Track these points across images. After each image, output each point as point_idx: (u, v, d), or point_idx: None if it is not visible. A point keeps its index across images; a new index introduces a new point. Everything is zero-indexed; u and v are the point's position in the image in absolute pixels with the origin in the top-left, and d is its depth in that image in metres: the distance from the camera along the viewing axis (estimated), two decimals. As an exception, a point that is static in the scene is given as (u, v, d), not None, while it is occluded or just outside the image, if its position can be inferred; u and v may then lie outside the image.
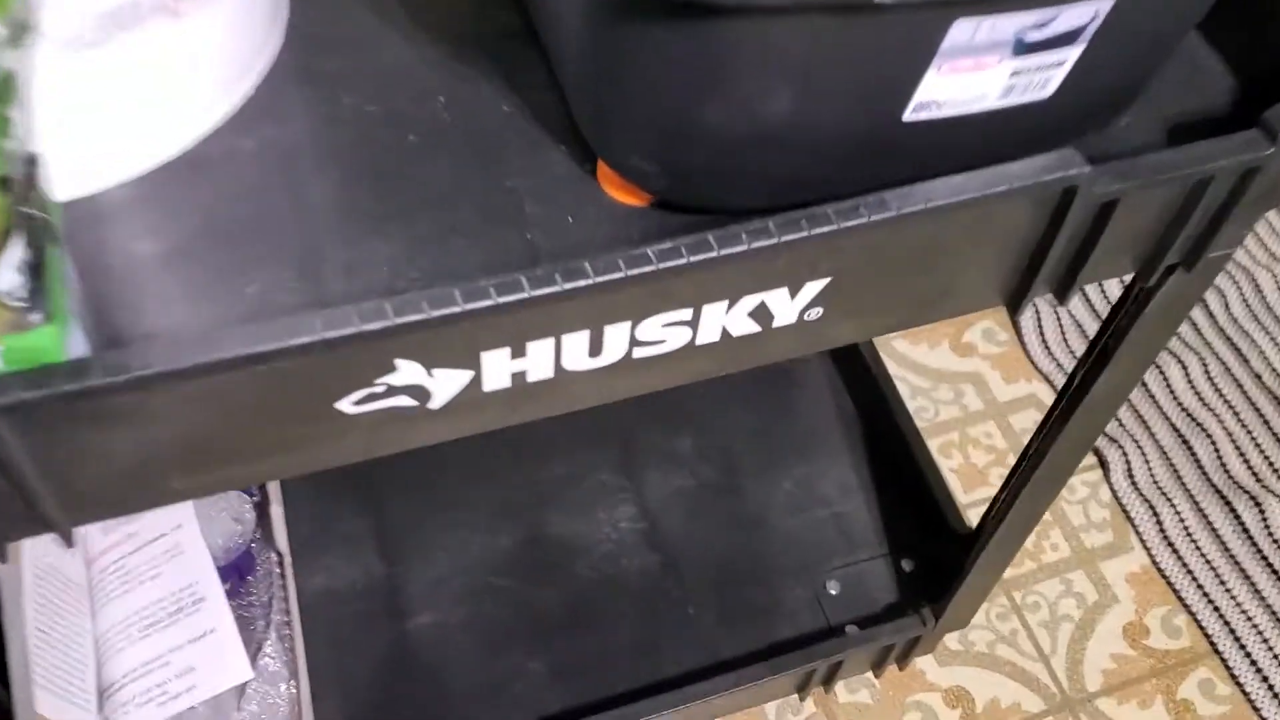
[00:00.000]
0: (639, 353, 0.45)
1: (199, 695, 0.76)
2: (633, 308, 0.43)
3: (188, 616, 0.78)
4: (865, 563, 0.96)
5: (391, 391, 0.42)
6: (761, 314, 0.46)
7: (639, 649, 0.92)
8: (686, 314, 0.44)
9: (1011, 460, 1.19)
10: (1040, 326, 1.27)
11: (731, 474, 1.00)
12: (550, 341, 0.43)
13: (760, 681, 0.87)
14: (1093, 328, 1.28)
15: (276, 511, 0.84)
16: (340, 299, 0.44)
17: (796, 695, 0.97)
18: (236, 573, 0.82)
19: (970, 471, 1.17)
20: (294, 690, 0.80)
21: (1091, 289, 1.32)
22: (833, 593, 0.95)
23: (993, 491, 1.17)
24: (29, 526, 0.41)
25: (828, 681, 0.94)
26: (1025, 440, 1.21)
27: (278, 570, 0.84)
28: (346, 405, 0.42)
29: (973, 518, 0.99)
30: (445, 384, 0.43)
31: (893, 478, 1.00)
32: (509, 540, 0.96)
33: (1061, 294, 0.52)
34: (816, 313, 0.47)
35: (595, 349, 0.44)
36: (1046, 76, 0.45)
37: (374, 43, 0.53)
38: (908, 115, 0.44)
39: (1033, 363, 1.26)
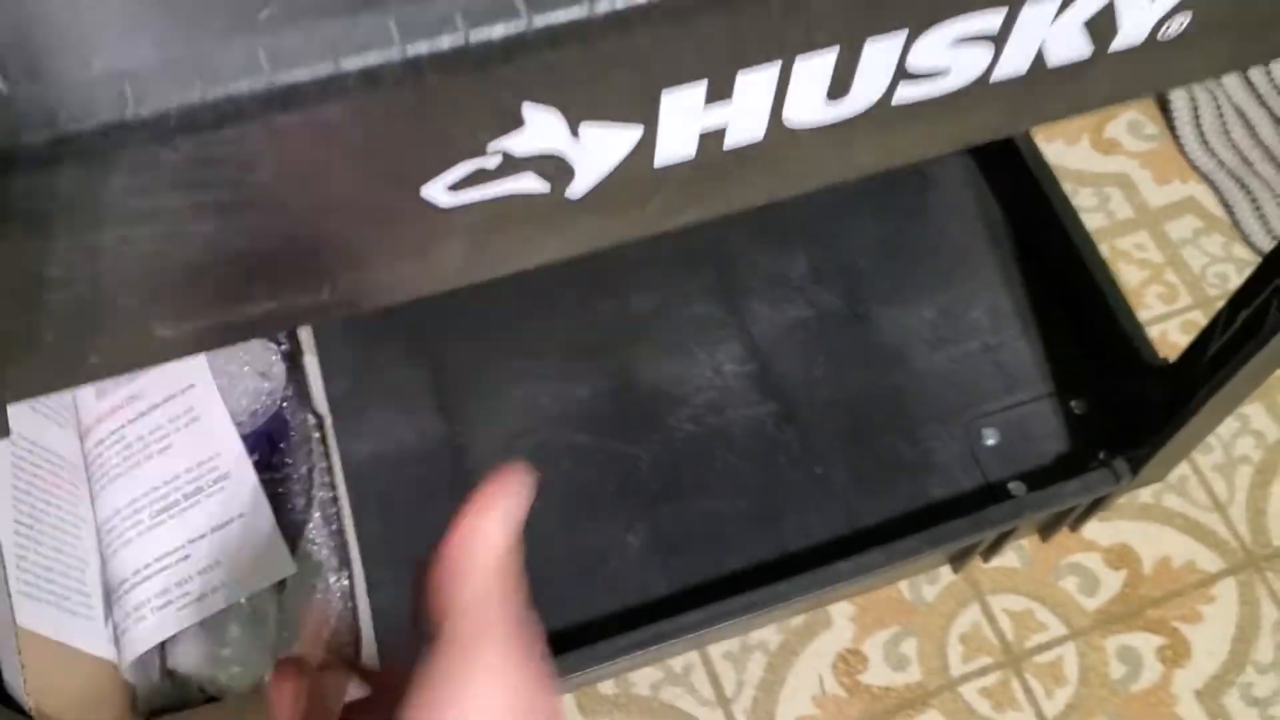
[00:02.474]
0: (905, 92, 0.27)
1: (230, 595, 0.61)
2: (916, 5, 0.24)
3: (209, 497, 0.62)
4: (1028, 405, 0.79)
5: (511, 165, 0.24)
6: (1102, 24, 0.27)
7: (755, 517, 0.76)
8: (996, 19, 0.26)
9: (1170, 276, 1.01)
10: (1197, 115, 1.07)
11: (857, 301, 0.82)
12: (774, 70, 0.25)
13: (911, 558, 0.71)
14: (1258, 115, 1.08)
15: (311, 362, 0.67)
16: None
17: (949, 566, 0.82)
18: (267, 441, 0.66)
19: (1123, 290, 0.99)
20: (345, 582, 0.65)
21: (1256, 72, 1.11)
22: (990, 443, 0.78)
23: (1152, 315, 1.00)
24: None
25: (989, 552, 0.78)
26: (1186, 253, 1.04)
27: (317, 435, 0.68)
28: (438, 191, 0.24)
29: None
30: (596, 151, 0.25)
31: (1058, 301, 0.82)
32: (590, 390, 0.79)
33: None
34: (1180, 22, 0.28)
35: (840, 85, 0.26)
36: None
37: None
38: None
39: (1188, 159, 1.06)
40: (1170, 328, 0.99)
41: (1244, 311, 0.62)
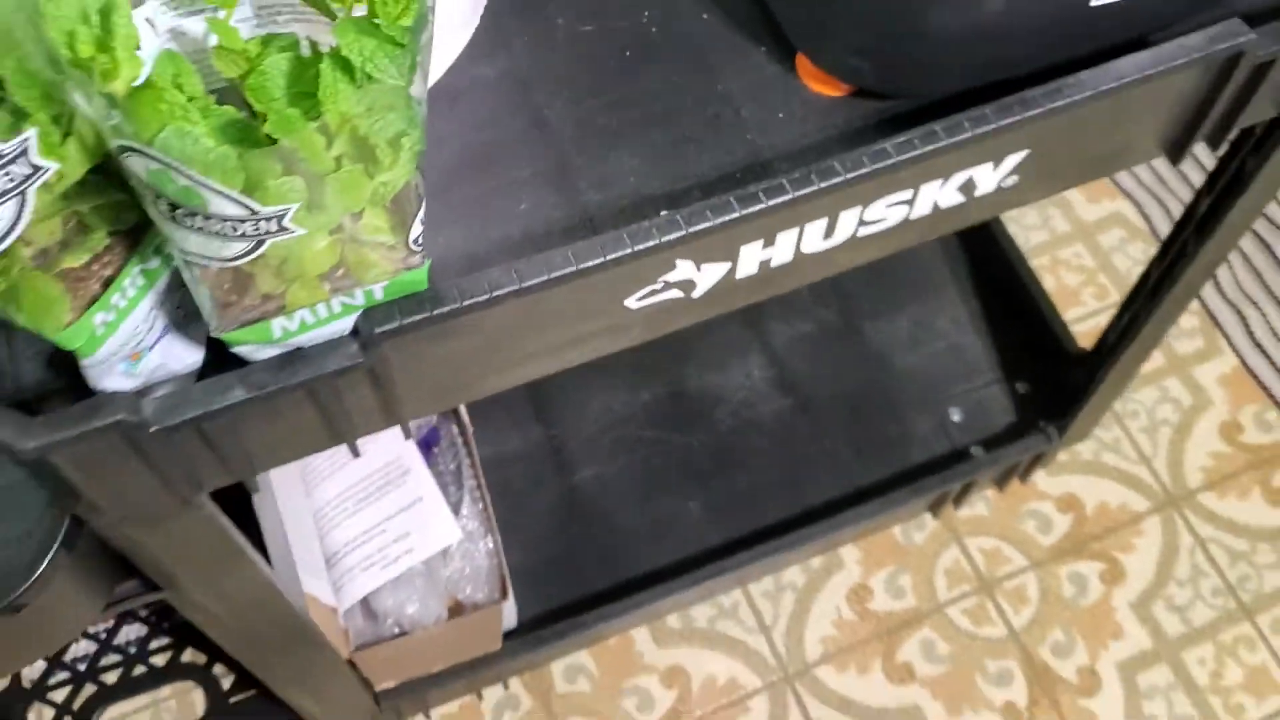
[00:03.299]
0: (863, 231, 0.52)
1: (417, 556, 0.85)
2: (867, 194, 0.49)
3: (396, 489, 0.87)
4: (983, 389, 1.04)
5: (667, 287, 0.49)
6: (968, 186, 0.52)
7: (783, 484, 1.01)
8: (907, 194, 0.51)
9: (1103, 279, 1.25)
10: (1120, 148, 1.31)
11: (850, 316, 1.07)
12: (795, 231, 0.50)
13: (899, 507, 0.95)
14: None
15: (454, 388, 0.92)
16: (598, 209, 0.51)
17: (928, 513, 1.07)
18: (425, 447, 0.91)
19: (1064, 292, 1.24)
20: (489, 544, 0.90)
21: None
22: (956, 419, 1.03)
23: (1087, 310, 1.24)
24: (381, 423, 0.49)
25: (959, 499, 1.03)
26: (1114, 259, 1.28)
27: (460, 440, 0.92)
28: (632, 302, 0.49)
29: (1076, 336, 1.06)
30: (708, 276, 0.50)
31: (1002, 307, 1.07)
32: (650, 396, 1.04)
33: (1215, 142, 0.57)
34: (1013, 180, 0.53)
35: (829, 232, 0.51)
36: (1215, -49, 0.50)
37: (573, -35, 0.58)
38: (1094, 1, 0.49)
39: (1114, 182, 1.31)
40: (1103, 320, 1.23)
41: (1127, 313, 0.87)
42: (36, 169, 0.35)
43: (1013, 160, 0.52)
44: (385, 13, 0.34)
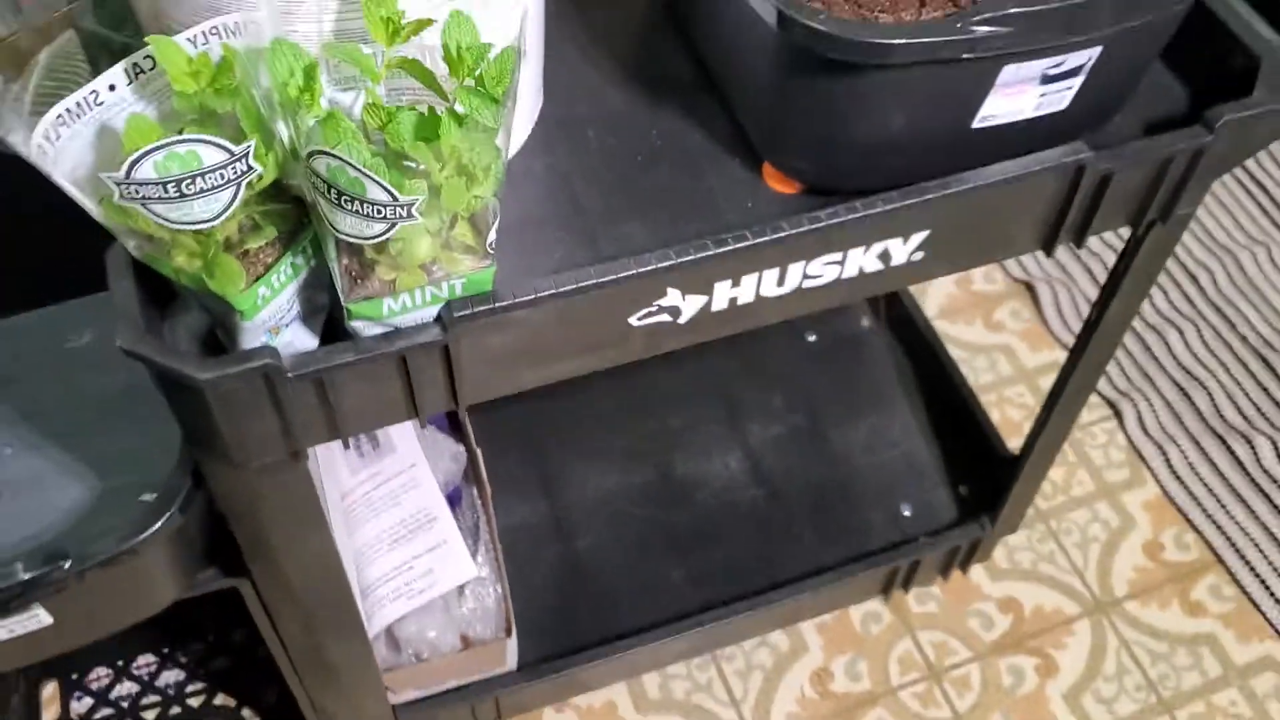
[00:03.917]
0: (807, 284, 0.70)
1: (438, 590, 1.00)
2: (807, 251, 0.68)
3: (424, 532, 1.03)
4: (931, 489, 1.20)
5: (660, 310, 0.67)
6: (884, 256, 0.71)
7: (754, 560, 1.16)
8: (839, 256, 0.69)
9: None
10: (1058, 303, 1.52)
11: (817, 422, 1.25)
12: (755, 275, 0.68)
13: (853, 577, 1.11)
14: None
15: (479, 456, 1.08)
16: (613, 258, 0.69)
17: (880, 597, 1.21)
18: (450, 503, 1.07)
19: (1008, 425, 1.41)
20: (499, 590, 1.05)
21: (1099, 273, 1.56)
22: (906, 514, 1.19)
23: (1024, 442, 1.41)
24: (445, 402, 0.66)
25: (906, 582, 1.18)
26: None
27: (479, 501, 1.09)
28: (634, 319, 0.67)
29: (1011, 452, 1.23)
30: (691, 305, 0.68)
31: (948, 422, 1.24)
32: (642, 479, 1.20)
33: (1079, 241, 0.77)
34: (920, 255, 0.72)
35: (781, 281, 0.69)
36: (1062, 96, 0.70)
37: (603, 95, 0.78)
38: (976, 124, 0.69)
39: (1053, 334, 1.50)
40: (1041, 449, 1.41)
41: (1038, 424, 1.04)
42: (250, 168, 0.54)
43: (917, 238, 0.71)
44: (490, 82, 0.54)
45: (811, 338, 1.30)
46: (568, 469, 1.20)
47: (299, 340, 0.64)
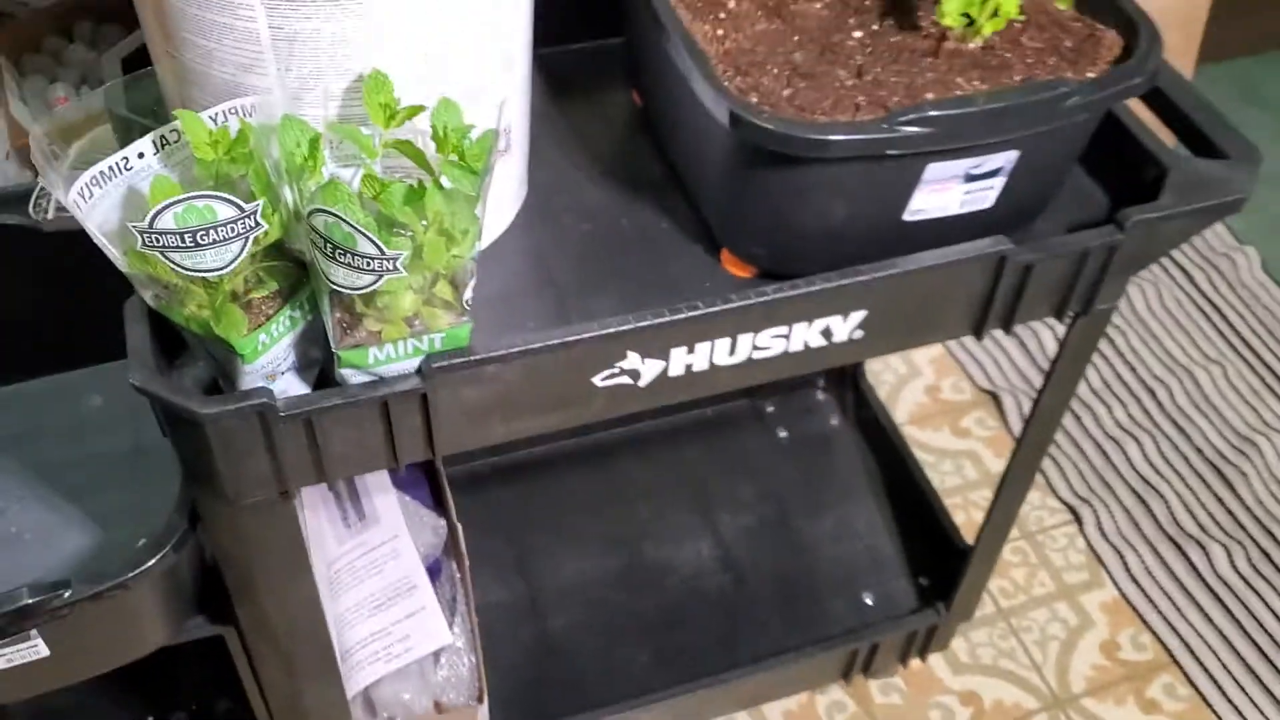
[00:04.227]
0: (756, 354, 0.78)
1: (414, 655, 1.05)
2: (754, 323, 0.76)
3: (404, 599, 1.08)
4: (892, 580, 1.26)
5: (621, 373, 0.74)
6: (827, 332, 0.79)
7: (720, 643, 1.21)
8: (784, 330, 0.77)
9: (1004, 517, 1.49)
10: (1021, 412, 1.59)
11: (785, 514, 1.31)
12: (708, 344, 0.75)
13: (812, 659, 1.15)
14: (1065, 417, 1.60)
15: (460, 532, 1.14)
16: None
17: (842, 683, 1.25)
18: (429, 575, 1.12)
19: (972, 526, 1.46)
20: (472, 659, 1.09)
21: (1063, 387, 1.64)
22: (868, 602, 1.24)
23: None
24: (422, 451, 0.73)
25: (867, 667, 1.22)
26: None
27: (458, 575, 1.14)
28: (597, 380, 0.74)
29: (972, 547, 1.29)
30: (649, 369, 0.75)
31: (910, 517, 1.30)
32: (615, 563, 1.26)
33: (1006, 327, 0.84)
34: (859, 333, 0.80)
35: (732, 350, 0.77)
36: (986, 195, 0.78)
37: (580, 188, 0.87)
38: (906, 216, 0.77)
39: (1015, 440, 1.57)
40: (1004, 551, 1.46)
41: (986, 517, 1.11)
42: (257, 224, 0.62)
43: (856, 316, 0.78)
44: (471, 158, 0.62)
45: (782, 434, 1.37)
46: (544, 552, 1.26)
47: (292, 388, 0.71)
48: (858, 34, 0.80)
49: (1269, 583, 1.42)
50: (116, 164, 0.65)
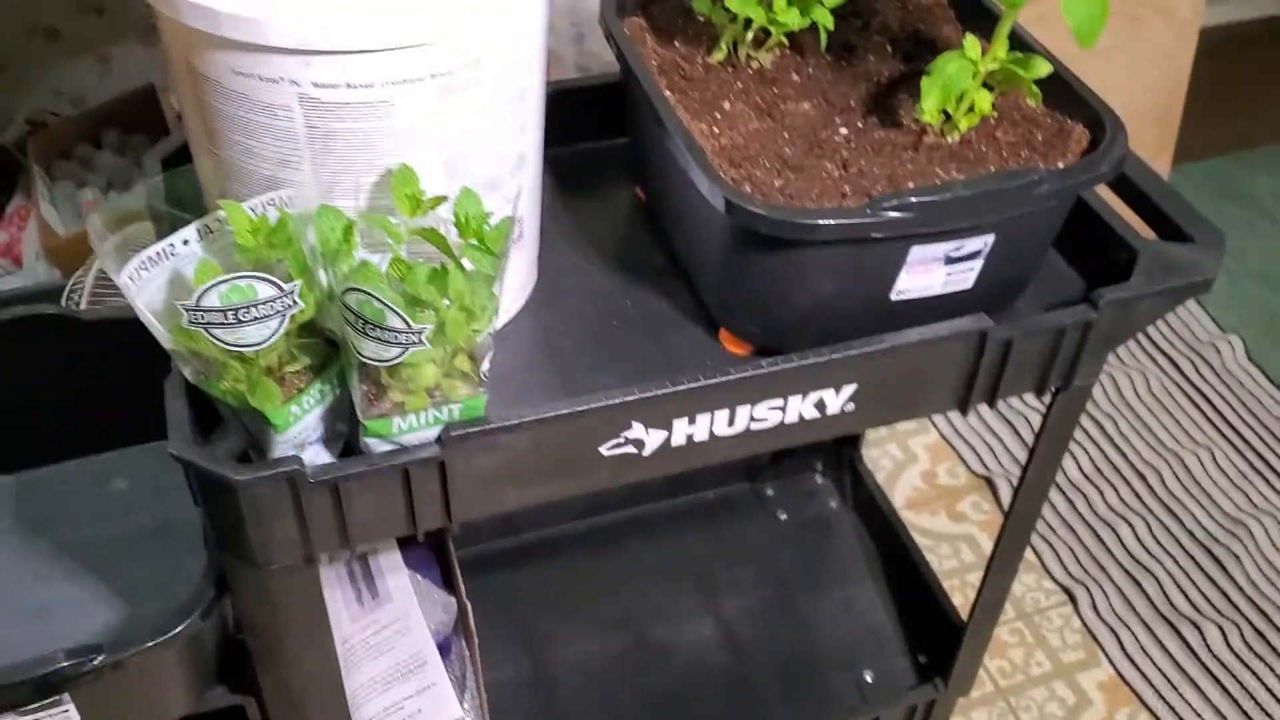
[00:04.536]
0: (754, 425, 0.83)
1: (425, 729, 1.08)
2: (752, 395, 0.81)
3: (415, 675, 1.11)
4: (892, 658, 1.29)
5: (626, 442, 0.79)
6: (820, 405, 0.84)
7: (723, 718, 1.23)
8: (780, 402, 0.82)
9: (1001, 599, 1.52)
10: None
11: (786, 595, 1.34)
12: (708, 415, 0.80)
13: (816, 736, 1.18)
14: (1059, 501, 1.64)
15: (470, 609, 1.18)
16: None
17: (845, 755, 1.28)
18: (440, 653, 1.15)
19: (969, 607, 1.50)
20: (483, 736, 1.12)
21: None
22: (869, 680, 1.27)
23: (988, 620, 1.50)
24: (440, 518, 0.77)
25: (868, 745, 1.25)
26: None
27: (468, 654, 1.17)
28: (604, 449, 0.79)
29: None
30: (653, 439, 0.80)
31: (909, 597, 1.34)
32: (621, 643, 1.29)
33: (991, 401, 0.89)
34: (851, 405, 0.85)
35: (731, 421, 0.82)
36: (966, 276, 0.84)
37: (587, 274, 0.93)
38: (893, 296, 0.83)
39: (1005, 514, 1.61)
40: (1001, 632, 1.49)
41: (978, 593, 1.14)
42: (295, 303, 0.68)
43: (848, 390, 0.83)
44: (490, 242, 0.68)
45: (783, 516, 1.41)
46: (551, 631, 1.29)
47: (319, 458, 0.76)
48: (843, 131, 0.87)
49: (1264, 661, 1.45)
50: (163, 250, 0.71)
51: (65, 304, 1.30)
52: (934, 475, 1.67)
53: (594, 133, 1.04)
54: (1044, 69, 0.85)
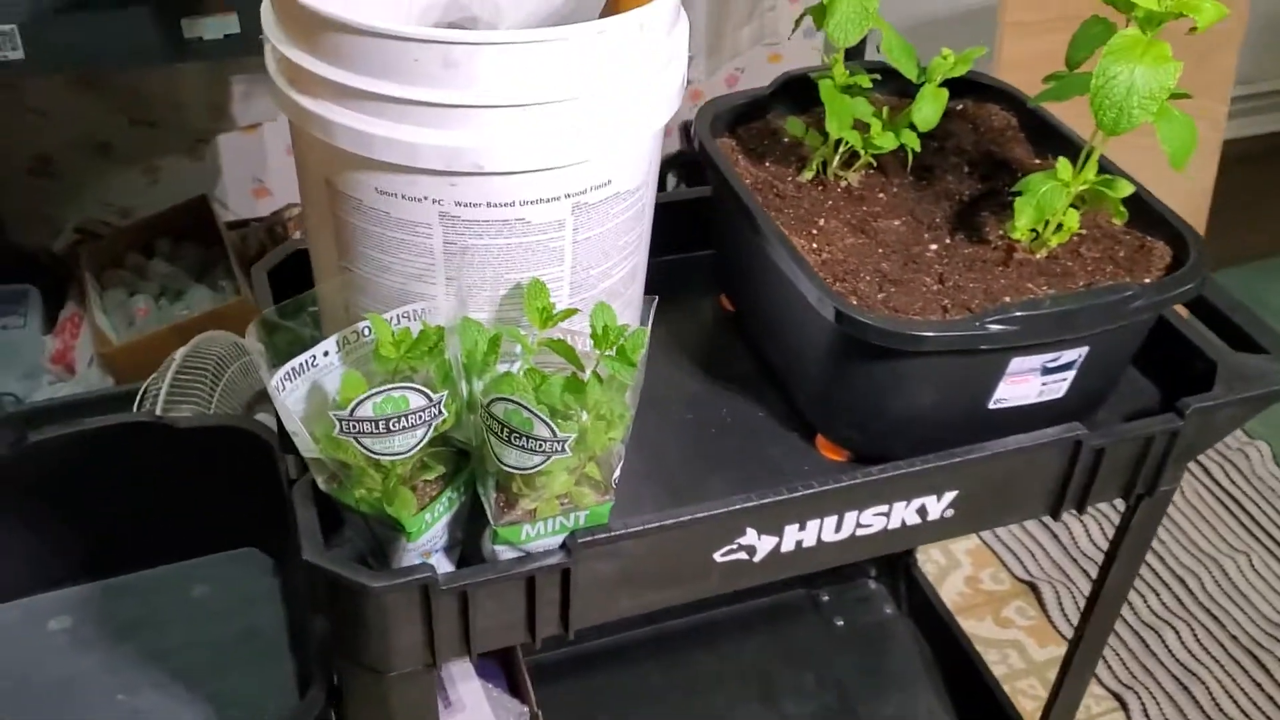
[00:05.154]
0: (860, 531, 0.84)
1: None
2: (860, 501, 0.83)
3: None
4: (955, 763, 1.29)
5: (739, 548, 0.81)
6: (922, 510, 0.86)
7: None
8: (885, 508, 0.84)
9: (1052, 705, 1.52)
10: (1059, 601, 1.64)
11: (846, 702, 1.34)
12: (818, 521, 0.82)
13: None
14: (1102, 605, 1.65)
15: (540, 716, 1.17)
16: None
17: None
18: (512, 759, 1.15)
19: (1021, 715, 1.50)
20: None
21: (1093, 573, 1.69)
22: (933, 787, 1.27)
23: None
24: (556, 627, 0.78)
25: None
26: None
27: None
28: (717, 555, 0.81)
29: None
30: (764, 545, 0.82)
31: (969, 702, 1.34)
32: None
33: (1080, 507, 0.92)
34: (950, 511, 0.87)
35: (839, 527, 0.83)
36: (1060, 385, 0.87)
37: (682, 383, 0.96)
38: (991, 405, 0.86)
39: (1057, 630, 1.62)
40: (1055, 739, 1.49)
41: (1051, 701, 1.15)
42: (441, 413, 0.70)
43: (949, 496, 0.86)
44: (629, 351, 0.71)
45: (839, 622, 1.42)
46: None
47: (442, 566, 0.78)
48: (934, 247, 0.90)
49: (1318, 767, 1.45)
50: (306, 360, 0.73)
51: (137, 408, 1.32)
52: (978, 580, 1.68)
53: (677, 246, 1.08)
54: (1128, 189, 0.89)
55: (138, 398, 1.29)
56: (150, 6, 1.37)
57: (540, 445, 0.69)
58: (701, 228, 1.05)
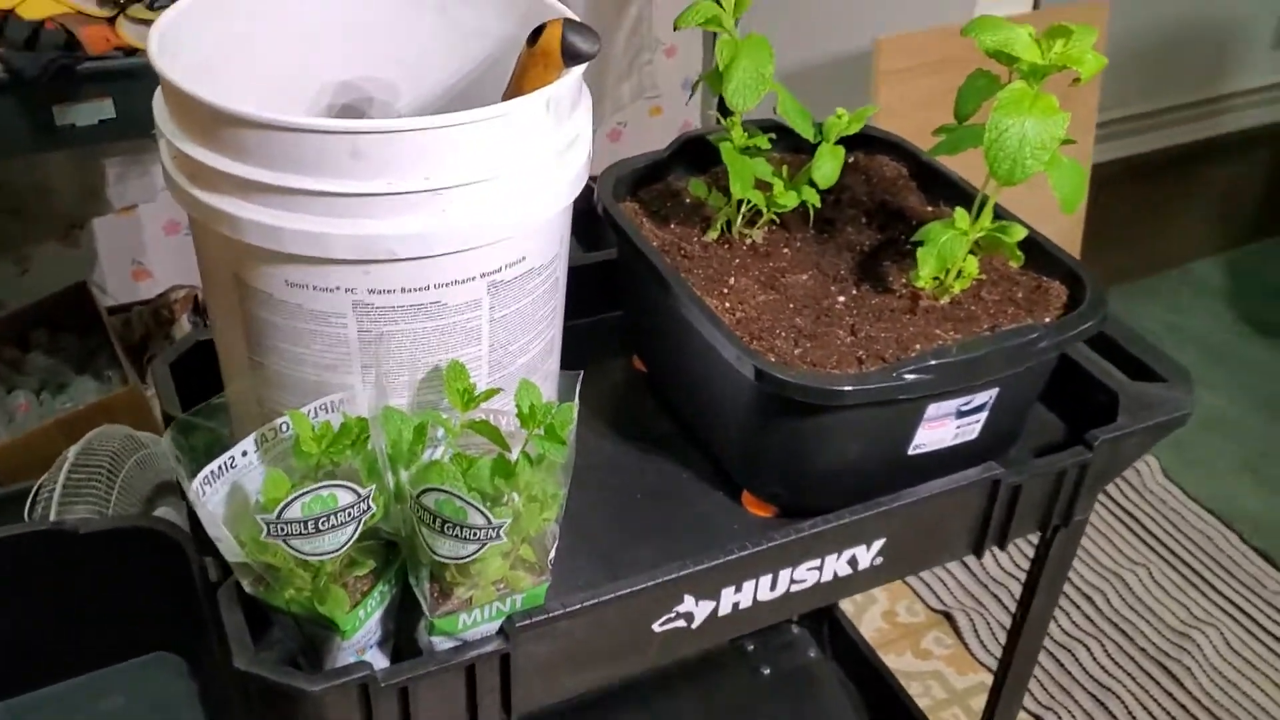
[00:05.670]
0: (794, 588, 0.85)
1: None
2: (794, 558, 0.83)
3: None
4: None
5: (678, 616, 0.81)
6: (853, 561, 0.86)
7: None
8: (818, 562, 0.84)
9: (977, 732, 1.55)
10: (975, 628, 1.67)
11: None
12: (753, 581, 0.82)
13: None
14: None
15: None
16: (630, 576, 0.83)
17: None
18: None
19: (948, 744, 1.52)
20: None
21: (1005, 599, 1.73)
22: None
23: (966, 753, 1.52)
24: (497, 714, 0.77)
25: None
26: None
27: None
28: (656, 626, 0.80)
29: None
30: (702, 610, 0.81)
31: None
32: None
33: (1002, 544, 0.93)
34: (880, 559, 0.88)
35: (774, 585, 0.84)
36: (973, 427, 0.89)
37: (600, 448, 0.95)
38: (910, 451, 0.87)
39: (974, 658, 1.64)
40: (984, 766, 1.51)
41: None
42: (370, 508, 0.68)
43: (877, 545, 0.87)
44: (558, 428, 0.70)
45: (765, 671, 1.42)
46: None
47: (378, 661, 0.75)
48: (842, 299, 0.92)
49: (1233, 770, 1.50)
50: (224, 463, 0.70)
51: (28, 514, 1.26)
52: (894, 614, 1.70)
53: (585, 310, 1.07)
54: (1021, 233, 0.92)
55: (29, 500, 1.23)
56: (19, 95, 1.32)
57: (475, 533, 0.67)
58: (607, 290, 1.05)
